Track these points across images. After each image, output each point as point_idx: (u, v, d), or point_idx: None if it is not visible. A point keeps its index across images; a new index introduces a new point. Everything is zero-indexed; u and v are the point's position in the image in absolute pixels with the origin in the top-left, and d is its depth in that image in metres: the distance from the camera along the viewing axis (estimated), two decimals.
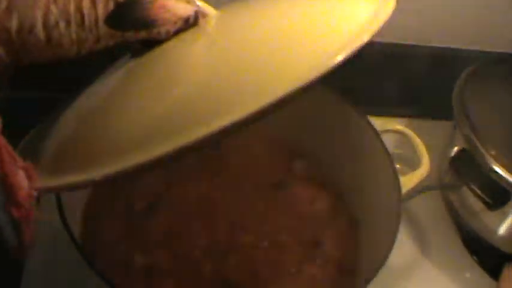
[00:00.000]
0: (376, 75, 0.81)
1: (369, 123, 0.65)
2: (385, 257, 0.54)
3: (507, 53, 0.80)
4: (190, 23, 0.48)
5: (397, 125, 0.69)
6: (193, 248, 0.61)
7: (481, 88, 0.72)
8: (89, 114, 0.47)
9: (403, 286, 0.70)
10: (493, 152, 0.65)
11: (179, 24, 0.47)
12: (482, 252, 0.74)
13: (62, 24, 0.42)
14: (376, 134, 0.64)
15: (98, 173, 0.39)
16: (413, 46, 0.80)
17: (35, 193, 0.39)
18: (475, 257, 0.74)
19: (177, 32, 0.47)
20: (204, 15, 0.49)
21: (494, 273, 0.70)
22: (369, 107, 0.69)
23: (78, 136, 0.45)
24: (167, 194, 0.65)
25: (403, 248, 0.73)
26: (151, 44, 0.47)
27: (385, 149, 0.62)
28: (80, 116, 0.47)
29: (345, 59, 0.40)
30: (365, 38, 0.42)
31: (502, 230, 0.69)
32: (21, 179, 0.38)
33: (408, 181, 0.62)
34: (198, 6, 0.48)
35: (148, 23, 0.45)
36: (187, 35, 0.48)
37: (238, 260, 0.61)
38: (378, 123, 0.66)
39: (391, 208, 0.59)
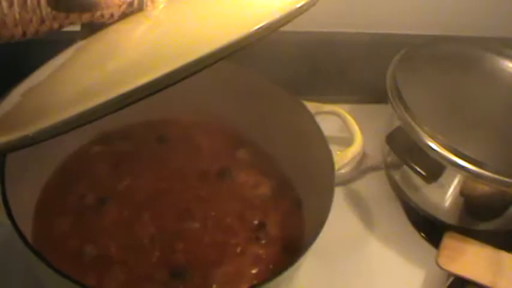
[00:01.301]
0: (315, 64, 0.84)
1: (304, 107, 0.67)
2: (320, 226, 0.57)
3: (436, 35, 0.84)
4: (135, 7, 0.49)
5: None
6: (141, 237, 0.64)
7: (413, 69, 0.75)
8: (30, 89, 0.49)
9: (351, 261, 0.73)
10: (425, 128, 0.68)
11: (124, 7, 0.49)
12: (426, 226, 0.77)
13: (4, 5, 0.43)
14: (311, 116, 0.66)
15: (24, 131, 0.42)
16: (347, 33, 0.83)
17: None
18: (421, 233, 0.77)
19: (123, 16, 0.49)
20: (153, 1, 0.50)
21: (439, 245, 0.73)
22: (311, 96, 0.72)
23: (15, 108, 0.47)
24: (117, 188, 0.68)
25: (351, 227, 0.77)
26: (98, 26, 0.49)
27: (319, 129, 0.65)
28: (23, 92, 0.49)
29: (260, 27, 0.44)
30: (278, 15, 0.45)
31: (442, 201, 0.72)
32: None
33: (342, 157, 0.65)
34: None
35: (91, 5, 0.46)
36: (133, 18, 0.50)
37: (185, 245, 0.64)
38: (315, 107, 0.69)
39: (327, 183, 0.61)
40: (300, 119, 0.68)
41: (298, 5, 0.46)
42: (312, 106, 0.68)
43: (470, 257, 0.69)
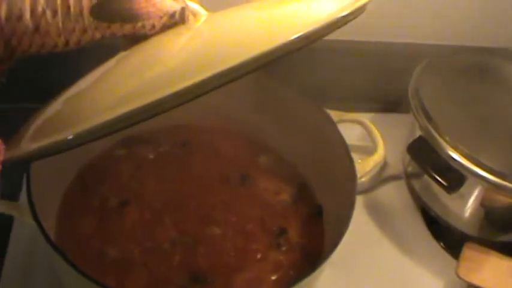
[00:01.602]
0: (337, 72, 0.84)
1: (327, 115, 0.68)
2: (341, 234, 0.57)
3: (459, 46, 0.84)
4: (176, 19, 0.50)
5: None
6: (163, 240, 0.64)
7: (436, 79, 0.75)
8: (71, 97, 0.49)
9: (370, 269, 0.73)
10: (447, 138, 0.68)
11: (165, 19, 0.49)
12: (446, 236, 0.77)
13: (48, 13, 0.44)
14: (333, 123, 0.67)
15: (63, 134, 0.43)
16: (370, 42, 0.84)
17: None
18: (441, 243, 0.77)
19: (164, 27, 0.50)
20: (194, 14, 0.51)
21: (458, 255, 0.73)
22: (333, 104, 0.72)
23: (56, 114, 0.48)
24: (139, 191, 0.68)
25: (370, 235, 0.77)
26: (139, 37, 0.49)
27: (341, 137, 0.65)
28: (64, 99, 0.49)
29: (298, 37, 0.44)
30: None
31: (462, 212, 0.72)
32: None
33: (364, 165, 0.65)
34: (186, 4, 0.50)
35: (132, 16, 0.47)
36: (175, 30, 0.50)
37: (206, 250, 0.64)
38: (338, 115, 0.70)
39: (349, 191, 0.62)
40: (322, 126, 0.68)
41: (342, 14, 0.46)
42: (334, 114, 0.68)
43: (490, 269, 0.69)
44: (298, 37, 0.44)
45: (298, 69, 0.78)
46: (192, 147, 0.74)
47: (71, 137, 0.43)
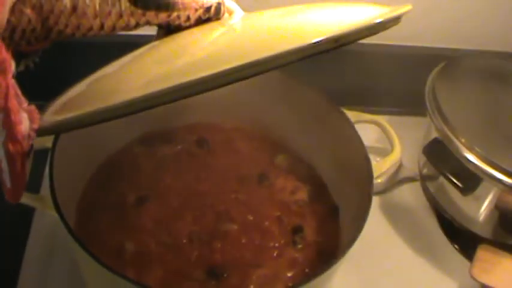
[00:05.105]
0: (355, 75, 0.85)
1: (344, 115, 0.69)
2: (357, 233, 0.57)
3: (475, 50, 0.84)
4: (211, 15, 0.50)
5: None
6: (181, 236, 0.65)
7: (452, 82, 0.76)
8: (96, 80, 0.49)
9: (384, 270, 0.74)
10: (463, 140, 0.69)
11: (200, 12, 0.50)
12: (460, 238, 0.78)
13: None
14: (350, 123, 0.68)
15: (90, 108, 0.43)
16: (388, 46, 0.84)
17: (33, 134, 0.41)
18: (455, 245, 0.78)
19: (199, 21, 0.50)
20: (230, 12, 0.52)
21: (472, 257, 0.73)
22: (350, 106, 0.73)
23: (81, 93, 0.48)
24: (157, 188, 0.69)
25: (385, 236, 0.78)
26: (173, 29, 0.50)
27: (358, 137, 0.66)
28: (88, 82, 0.50)
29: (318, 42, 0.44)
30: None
31: (477, 214, 0.73)
32: (23, 119, 0.40)
33: (381, 165, 0.66)
34: (223, 0, 0.51)
35: (168, 5, 0.48)
36: (209, 25, 0.51)
37: (223, 246, 0.65)
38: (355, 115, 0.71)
39: (365, 190, 0.62)
40: (340, 126, 0.69)
41: (374, 22, 0.46)
42: (352, 115, 0.69)
43: (503, 270, 0.69)
44: (324, 39, 0.44)
45: (317, 70, 0.78)
46: (210, 146, 0.75)
47: (88, 113, 0.43)
